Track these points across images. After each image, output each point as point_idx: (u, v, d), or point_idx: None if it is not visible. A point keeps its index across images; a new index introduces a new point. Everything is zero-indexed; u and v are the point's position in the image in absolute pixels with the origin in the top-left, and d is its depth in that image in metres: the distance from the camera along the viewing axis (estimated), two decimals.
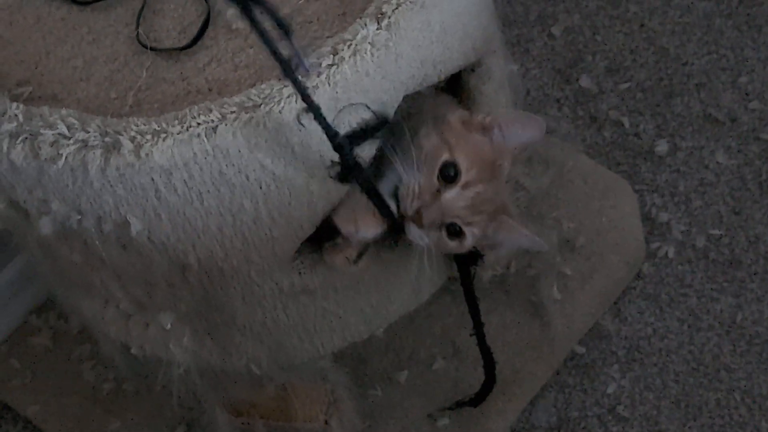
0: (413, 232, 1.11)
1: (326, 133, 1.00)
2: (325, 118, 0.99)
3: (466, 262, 1.25)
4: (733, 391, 1.55)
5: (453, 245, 1.14)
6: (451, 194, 1.11)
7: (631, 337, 1.61)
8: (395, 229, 1.13)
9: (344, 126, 1.04)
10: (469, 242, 1.13)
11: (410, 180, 1.10)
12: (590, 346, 1.60)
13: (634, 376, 1.58)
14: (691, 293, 1.64)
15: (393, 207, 1.11)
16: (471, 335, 1.36)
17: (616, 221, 1.63)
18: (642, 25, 1.89)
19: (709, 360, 1.58)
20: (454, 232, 1.13)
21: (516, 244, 1.18)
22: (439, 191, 1.11)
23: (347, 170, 1.04)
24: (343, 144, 1.02)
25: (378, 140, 1.06)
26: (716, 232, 1.68)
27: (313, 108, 0.98)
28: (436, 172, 1.10)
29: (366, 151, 1.07)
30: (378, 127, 1.05)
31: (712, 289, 1.64)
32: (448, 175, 1.10)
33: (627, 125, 1.79)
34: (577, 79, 1.84)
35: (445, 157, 1.10)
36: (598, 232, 1.62)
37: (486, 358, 1.39)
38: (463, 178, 1.10)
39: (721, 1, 1.90)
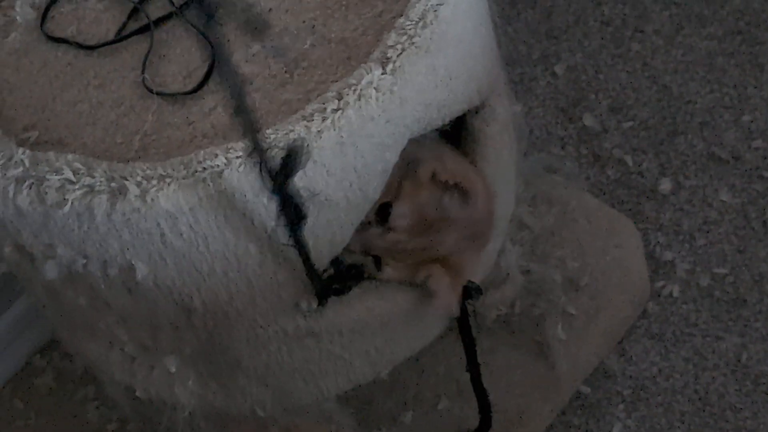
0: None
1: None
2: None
3: (462, 297, 1.25)
4: (739, 431, 1.55)
5: (374, 272, 1.18)
6: (374, 231, 1.15)
7: (637, 377, 1.60)
8: None
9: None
10: (385, 276, 1.18)
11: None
12: (595, 385, 1.59)
13: (639, 416, 1.57)
14: (696, 332, 1.63)
15: None
16: (466, 371, 1.35)
17: (620, 260, 1.63)
18: (645, 64, 1.90)
19: (714, 400, 1.57)
20: (377, 262, 1.18)
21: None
22: (369, 224, 1.15)
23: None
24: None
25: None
26: (721, 270, 1.67)
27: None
28: (375, 208, 1.14)
29: None
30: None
31: (717, 328, 1.63)
32: (383, 215, 1.14)
33: (630, 164, 1.79)
34: (581, 118, 1.85)
35: (387, 198, 1.14)
36: (602, 271, 1.61)
37: (480, 399, 1.38)
38: (390, 223, 1.15)
39: (724, 40, 1.90)
